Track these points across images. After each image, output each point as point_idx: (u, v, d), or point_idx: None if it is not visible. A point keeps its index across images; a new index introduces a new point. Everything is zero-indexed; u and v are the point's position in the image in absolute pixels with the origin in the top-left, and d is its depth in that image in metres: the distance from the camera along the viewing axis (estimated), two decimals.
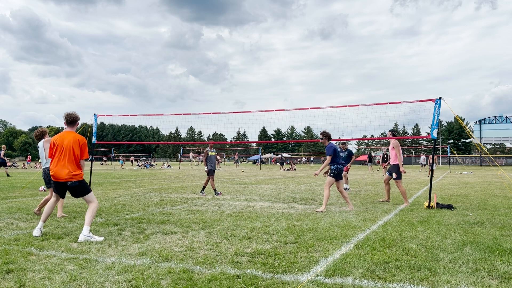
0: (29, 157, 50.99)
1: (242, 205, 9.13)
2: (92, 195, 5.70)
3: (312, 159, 73.15)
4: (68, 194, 5.78)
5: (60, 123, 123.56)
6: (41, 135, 7.54)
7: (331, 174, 8.46)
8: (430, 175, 9.94)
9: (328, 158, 8.47)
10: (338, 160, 8.57)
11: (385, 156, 27.75)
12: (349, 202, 8.53)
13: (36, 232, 5.53)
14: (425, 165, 31.42)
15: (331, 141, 8.72)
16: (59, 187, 5.65)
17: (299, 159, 74.31)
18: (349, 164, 13.06)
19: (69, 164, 5.49)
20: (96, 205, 5.63)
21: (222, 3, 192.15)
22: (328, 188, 8.40)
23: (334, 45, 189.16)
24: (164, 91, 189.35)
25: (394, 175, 9.31)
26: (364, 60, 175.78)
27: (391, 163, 9.51)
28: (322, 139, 8.76)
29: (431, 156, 28.81)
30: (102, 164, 48.02)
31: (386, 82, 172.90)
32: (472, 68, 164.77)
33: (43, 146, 7.39)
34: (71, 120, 5.77)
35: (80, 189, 5.59)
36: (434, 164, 30.64)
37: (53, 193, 5.87)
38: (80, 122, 6.03)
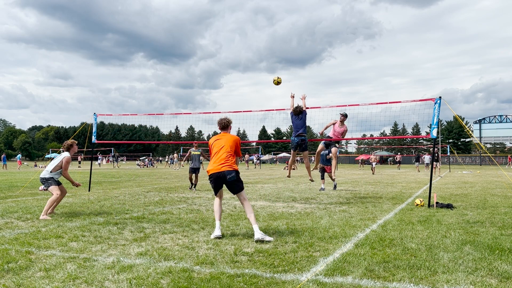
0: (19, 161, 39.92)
1: None
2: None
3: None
4: None
5: None
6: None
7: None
8: (430, 174, 9.94)
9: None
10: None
11: (418, 157, 29.25)
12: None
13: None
14: (428, 164, 31.54)
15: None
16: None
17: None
18: None
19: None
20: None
21: None
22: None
23: None
24: None
25: None
26: None
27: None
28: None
29: (428, 155, 29.43)
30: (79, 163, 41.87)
31: None
32: None
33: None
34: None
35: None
36: (429, 164, 30.96)
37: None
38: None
